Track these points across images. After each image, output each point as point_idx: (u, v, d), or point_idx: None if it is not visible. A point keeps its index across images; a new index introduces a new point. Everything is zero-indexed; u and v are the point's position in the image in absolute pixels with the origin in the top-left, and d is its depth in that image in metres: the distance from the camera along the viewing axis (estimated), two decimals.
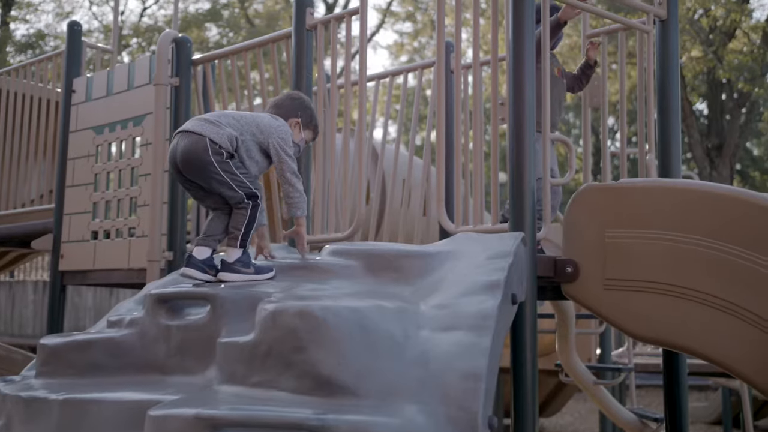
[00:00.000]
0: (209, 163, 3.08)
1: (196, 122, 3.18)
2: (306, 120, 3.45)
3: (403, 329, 2.48)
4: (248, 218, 3.15)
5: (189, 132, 3.13)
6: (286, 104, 3.45)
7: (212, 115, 3.24)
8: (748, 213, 3.00)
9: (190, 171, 3.13)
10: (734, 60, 17.51)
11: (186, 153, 3.10)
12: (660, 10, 3.99)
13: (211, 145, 3.08)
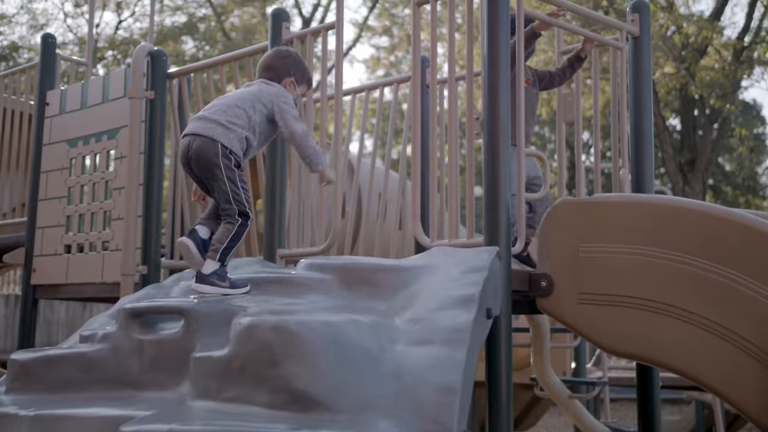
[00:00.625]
0: (216, 167, 3.19)
1: (207, 124, 3.24)
2: (299, 76, 3.50)
3: (378, 343, 2.48)
4: (233, 235, 3.18)
5: (201, 136, 3.22)
6: (277, 65, 3.48)
7: (219, 111, 3.28)
8: (720, 228, 3.03)
9: (200, 168, 3.24)
10: (706, 77, 17.75)
11: (198, 153, 3.22)
12: (633, 27, 4.04)
13: (222, 150, 3.20)
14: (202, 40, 22.73)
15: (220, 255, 3.16)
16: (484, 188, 3.28)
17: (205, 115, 3.31)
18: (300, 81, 3.51)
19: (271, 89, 3.39)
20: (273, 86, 3.41)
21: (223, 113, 3.27)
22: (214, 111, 3.30)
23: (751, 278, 2.92)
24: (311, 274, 3.12)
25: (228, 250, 3.18)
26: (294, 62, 3.52)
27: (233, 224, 3.19)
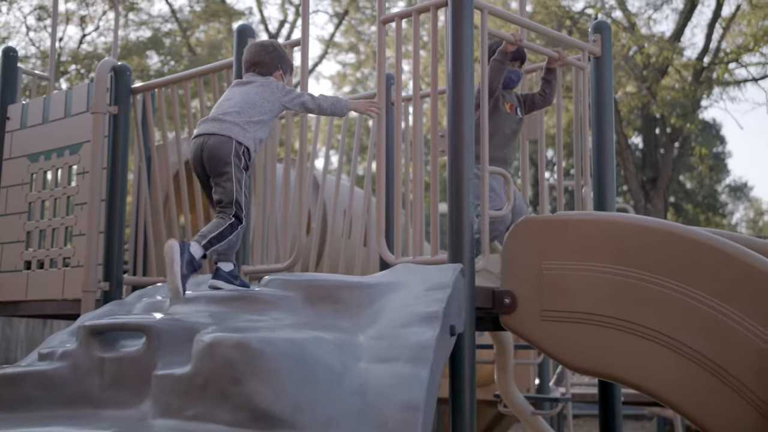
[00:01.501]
0: (228, 164, 3.32)
1: (223, 124, 3.37)
2: (285, 67, 3.69)
3: (342, 361, 2.48)
4: (222, 229, 3.28)
5: (216, 134, 3.36)
6: (266, 60, 3.64)
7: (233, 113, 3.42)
8: (681, 247, 3.07)
9: (212, 164, 3.34)
10: (667, 96, 18.04)
11: (213, 150, 3.34)
12: (594, 47, 4.10)
13: (237, 147, 3.35)
14: (168, 55, 22.59)
15: (206, 242, 3.24)
16: (448, 205, 3.29)
17: (218, 116, 3.43)
18: (286, 71, 3.69)
19: (271, 85, 3.55)
20: (269, 82, 3.57)
21: (237, 114, 3.42)
22: (226, 113, 3.43)
23: (711, 296, 2.96)
24: (275, 290, 3.11)
25: (215, 242, 3.26)
26: (280, 55, 3.69)
27: (224, 220, 3.29)
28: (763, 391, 2.82)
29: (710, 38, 18.85)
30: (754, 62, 19.28)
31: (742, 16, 18.87)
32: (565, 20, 17.82)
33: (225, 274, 3.37)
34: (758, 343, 2.84)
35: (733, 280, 2.94)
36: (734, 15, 18.87)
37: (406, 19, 3.68)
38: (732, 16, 18.87)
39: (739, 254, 2.96)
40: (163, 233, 4.71)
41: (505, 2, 18.71)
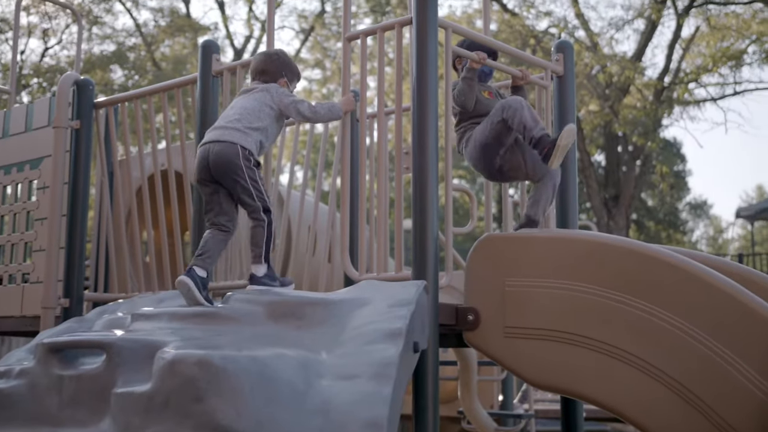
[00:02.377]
0: (238, 167, 3.40)
1: (225, 131, 3.46)
2: (290, 75, 3.77)
3: (305, 378, 2.46)
4: (266, 235, 3.42)
5: (219, 141, 3.44)
6: (271, 68, 3.73)
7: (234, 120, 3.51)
8: (641, 264, 3.11)
9: (219, 171, 3.42)
10: (629, 115, 18.30)
11: (218, 156, 3.42)
12: (557, 66, 4.15)
13: (242, 151, 3.42)
14: (132, 70, 22.44)
15: (264, 257, 3.40)
16: (412, 222, 3.30)
17: (221, 124, 3.54)
18: (291, 79, 3.77)
19: (271, 90, 3.63)
20: (269, 87, 3.64)
21: (237, 121, 3.51)
22: (228, 121, 3.53)
23: (670, 313, 3.00)
24: (239, 307, 3.09)
25: (268, 251, 3.41)
26: (284, 63, 3.77)
27: (262, 225, 3.42)
28: (718, 405, 2.86)
29: (670, 59, 19.19)
30: (713, 83, 19.67)
31: (701, 37, 19.26)
32: (530, 39, 18.03)
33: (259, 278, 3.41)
34: (716, 359, 2.88)
35: (692, 298, 2.99)
36: (693, 36, 19.24)
37: (372, 37, 3.70)
38: (691, 38, 19.24)
39: (698, 272, 3.01)
40: (125, 249, 4.67)
41: (470, 20, 18.89)
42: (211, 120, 4.15)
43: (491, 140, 3.70)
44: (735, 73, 19.35)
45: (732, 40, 18.66)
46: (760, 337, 2.85)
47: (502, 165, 3.77)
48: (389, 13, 20.06)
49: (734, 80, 19.54)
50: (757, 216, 20.83)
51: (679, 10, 18.66)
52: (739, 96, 19.96)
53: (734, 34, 18.52)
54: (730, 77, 19.46)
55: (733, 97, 19.96)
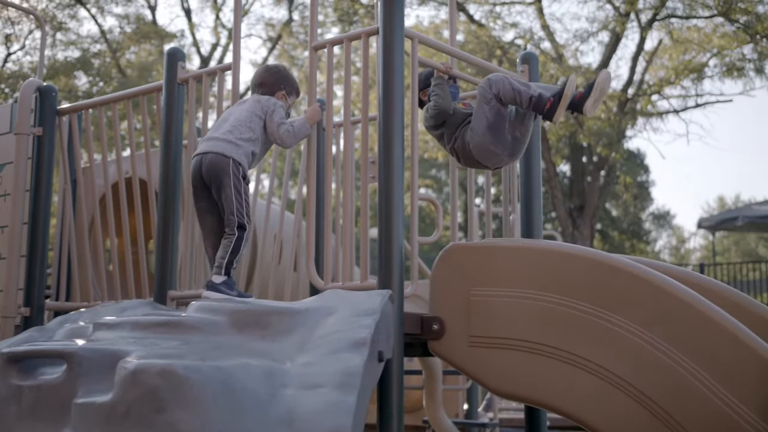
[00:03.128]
0: (227, 176, 3.57)
1: (218, 143, 3.60)
2: (289, 88, 3.91)
3: (269, 388, 2.45)
4: (233, 248, 3.57)
5: (212, 152, 3.59)
6: (269, 81, 3.89)
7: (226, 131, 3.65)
8: (604, 274, 3.13)
9: (211, 178, 3.60)
10: (593, 125, 18.49)
11: (210, 164, 3.59)
12: (522, 77, 4.18)
13: (233, 164, 3.58)
14: (96, 76, 22.22)
15: (225, 269, 3.55)
16: (378, 231, 3.31)
17: (213, 135, 3.67)
18: (290, 93, 3.89)
19: (262, 100, 3.76)
20: (260, 98, 3.78)
21: (229, 132, 3.64)
22: (221, 132, 3.66)
23: (634, 323, 3.02)
24: (202, 316, 3.06)
25: (230, 264, 3.56)
26: (283, 76, 3.91)
27: (231, 238, 3.57)
28: (680, 415, 2.89)
29: (634, 71, 19.43)
30: (675, 95, 19.95)
31: (663, 50, 19.54)
32: (496, 50, 18.16)
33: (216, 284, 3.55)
34: (678, 369, 2.92)
35: (654, 308, 3.02)
36: (656, 49, 19.52)
37: (339, 46, 3.70)
38: (654, 50, 19.52)
39: (660, 283, 3.04)
40: (87, 257, 4.61)
41: (438, 30, 18.99)
42: (176, 127, 4.14)
43: (494, 119, 3.71)
44: (696, 86, 19.65)
45: (694, 53, 18.95)
46: (721, 347, 2.88)
47: (515, 133, 3.79)
48: (357, 22, 20.10)
49: (696, 93, 19.85)
50: (717, 226, 21.13)
51: (643, 23, 18.91)
52: (701, 108, 20.26)
53: (696, 48, 18.80)
54: (691, 90, 19.77)
55: (695, 109, 20.26)
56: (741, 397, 2.81)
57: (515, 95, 3.65)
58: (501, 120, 3.72)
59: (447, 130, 3.88)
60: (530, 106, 3.65)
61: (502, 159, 3.84)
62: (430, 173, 30.08)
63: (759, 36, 17.48)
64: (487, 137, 3.74)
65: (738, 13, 17.50)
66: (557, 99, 3.60)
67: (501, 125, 3.72)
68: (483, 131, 3.73)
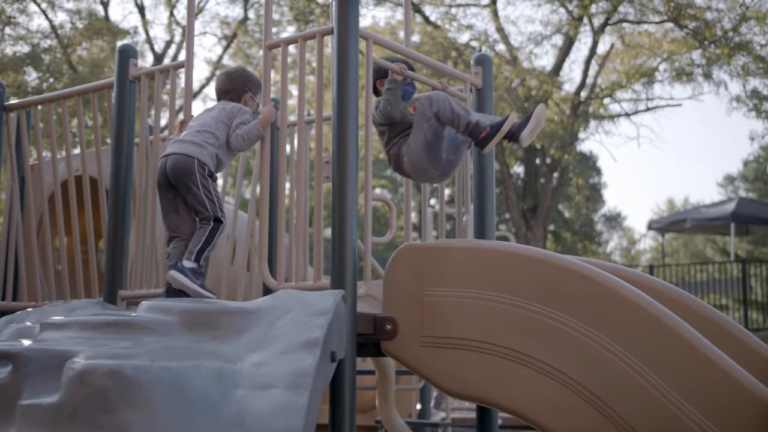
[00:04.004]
0: (192, 174, 3.58)
1: (182, 145, 3.63)
2: (254, 89, 3.92)
3: (220, 388, 2.44)
4: (206, 237, 3.60)
5: (176, 153, 3.62)
6: (233, 87, 3.90)
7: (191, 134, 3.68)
8: (556, 275, 3.17)
9: (176, 179, 3.62)
10: (547, 128, 18.68)
11: (175, 163, 3.61)
12: (476, 79, 4.21)
13: (197, 162, 3.60)
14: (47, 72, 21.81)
15: (195, 255, 3.56)
16: (331, 231, 3.30)
17: (180, 138, 3.70)
18: (256, 93, 3.90)
19: (227, 108, 3.78)
20: (226, 104, 3.81)
21: (194, 135, 3.68)
22: (188, 135, 3.69)
23: (584, 323, 3.06)
24: (152, 316, 3.03)
25: (202, 252, 3.57)
26: (246, 79, 3.94)
27: (206, 227, 3.60)
28: (629, 415, 2.94)
29: (587, 74, 19.69)
30: (627, 98, 20.27)
31: (615, 54, 19.84)
32: (451, 51, 18.25)
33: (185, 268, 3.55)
34: (627, 369, 2.96)
35: (604, 309, 3.06)
36: (608, 53, 19.80)
37: (294, 45, 3.69)
38: (606, 54, 19.80)
39: (610, 284, 3.09)
40: (35, 256, 4.53)
41: (394, 32, 19.03)
42: (128, 125, 4.09)
43: (432, 138, 3.72)
44: (647, 90, 19.98)
45: (644, 57, 19.28)
46: (668, 348, 2.94)
47: (449, 156, 3.80)
48: (313, 22, 20.04)
49: (646, 97, 20.18)
50: (667, 228, 21.52)
51: (595, 27, 19.17)
52: (651, 112, 20.60)
53: (647, 52, 19.13)
54: (642, 93, 20.09)
55: (646, 112, 20.60)
56: (687, 396, 2.87)
57: (454, 118, 3.67)
58: (438, 140, 3.74)
59: (389, 132, 3.89)
60: (467, 131, 3.68)
61: (433, 177, 3.90)
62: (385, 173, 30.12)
63: (707, 42, 17.84)
64: (423, 155, 3.76)
65: (687, 19, 17.85)
66: (494, 130, 3.64)
67: (438, 145, 3.75)
68: (420, 149, 3.75)
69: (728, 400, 2.83)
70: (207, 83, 24.05)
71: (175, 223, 3.71)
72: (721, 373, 2.85)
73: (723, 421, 2.82)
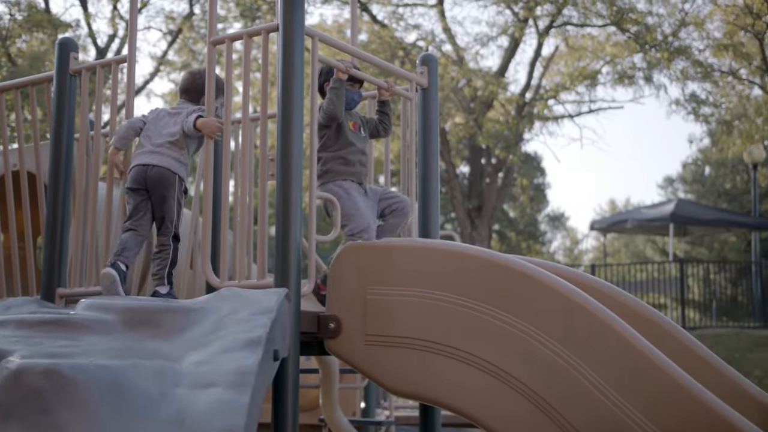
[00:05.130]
0: (172, 187, 3.71)
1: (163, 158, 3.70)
2: (216, 92, 3.77)
3: (160, 387, 2.41)
4: (171, 260, 3.72)
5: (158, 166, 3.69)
6: (194, 87, 3.93)
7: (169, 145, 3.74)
8: (498, 274, 3.21)
9: (155, 190, 3.70)
10: (492, 128, 18.87)
11: (158, 174, 3.69)
12: (422, 79, 4.23)
13: (179, 180, 3.74)
14: None
15: (167, 278, 3.70)
16: (275, 229, 3.29)
17: (156, 149, 3.74)
18: (217, 95, 3.78)
19: (182, 114, 3.79)
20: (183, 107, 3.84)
21: (171, 147, 3.75)
22: (165, 146, 3.74)
23: (525, 322, 3.10)
24: (92, 314, 2.98)
25: (171, 274, 3.72)
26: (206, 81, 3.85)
27: (167, 250, 3.71)
28: (566, 411, 2.99)
29: (532, 76, 19.95)
30: (570, 100, 20.59)
31: (559, 56, 20.15)
32: (398, 51, 18.31)
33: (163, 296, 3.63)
34: (565, 366, 3.01)
35: (545, 307, 3.10)
36: (553, 55, 20.09)
37: (240, 42, 3.66)
38: (551, 57, 20.09)
39: (551, 283, 3.13)
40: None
41: (341, 30, 19.01)
42: (68, 120, 4.01)
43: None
44: (590, 92, 20.34)
45: (588, 60, 19.60)
46: (606, 345, 2.99)
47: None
48: (260, 18, 19.91)
49: (589, 98, 20.54)
50: (609, 228, 21.92)
51: (540, 29, 19.43)
52: (594, 114, 20.99)
53: (590, 55, 19.46)
54: (585, 95, 20.45)
55: (589, 114, 20.97)
56: (623, 392, 2.93)
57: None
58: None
59: (327, 140, 3.86)
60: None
61: None
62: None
63: (648, 46, 18.22)
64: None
65: (629, 24, 18.20)
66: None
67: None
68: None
69: (662, 396, 2.90)
70: (151, 79, 23.72)
71: (137, 222, 3.72)
72: (657, 370, 2.92)
73: (657, 417, 2.88)
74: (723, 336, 14.38)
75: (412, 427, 8.44)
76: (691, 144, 36.41)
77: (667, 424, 2.88)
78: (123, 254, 3.62)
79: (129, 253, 3.64)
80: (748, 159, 18.75)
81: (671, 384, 2.89)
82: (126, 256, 3.62)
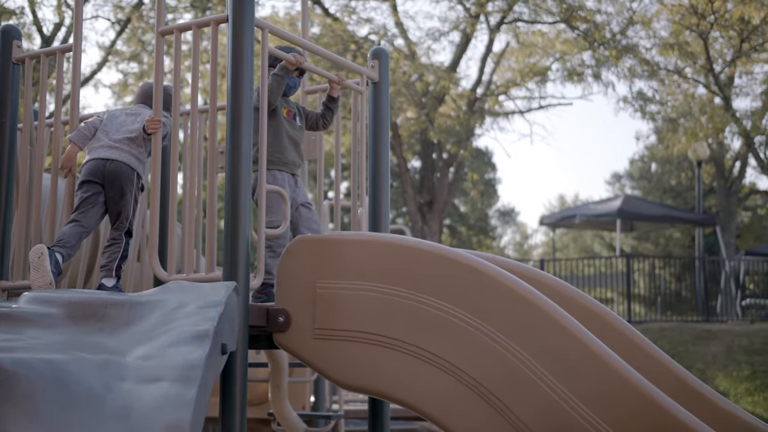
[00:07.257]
0: (130, 184, 3.76)
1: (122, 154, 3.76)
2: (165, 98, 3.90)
3: (105, 382, 2.37)
4: (122, 253, 3.77)
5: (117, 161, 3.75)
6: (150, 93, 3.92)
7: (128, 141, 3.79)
8: (446, 268, 3.22)
9: (113, 185, 3.74)
10: (444, 123, 18.95)
11: (117, 169, 3.75)
12: (372, 72, 4.23)
13: (137, 177, 3.80)
14: None
15: (116, 271, 3.74)
16: (224, 222, 3.26)
17: (118, 145, 3.79)
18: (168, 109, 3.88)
19: (143, 115, 3.83)
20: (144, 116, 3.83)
21: (128, 145, 3.80)
22: (124, 143, 3.79)
23: (473, 315, 3.13)
24: (35, 308, 2.92)
25: (120, 268, 3.75)
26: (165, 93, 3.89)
27: (119, 244, 3.76)
28: (513, 404, 3.02)
29: (483, 71, 20.05)
30: (521, 96, 20.77)
31: (510, 52, 20.30)
32: (350, 44, 18.27)
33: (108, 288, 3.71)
34: (513, 360, 3.04)
35: (492, 301, 3.13)
36: (504, 51, 20.23)
37: (189, 32, 3.61)
38: (502, 53, 20.23)
39: (498, 277, 3.16)
40: None
41: (293, 23, 18.89)
42: (11, 110, 3.92)
43: None
44: (540, 88, 20.55)
45: (538, 57, 19.79)
46: (551, 338, 3.03)
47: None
48: (211, 9, 19.69)
49: (539, 95, 20.75)
50: (558, 224, 22.17)
51: (492, 25, 19.54)
52: (544, 110, 21.21)
53: (540, 52, 19.65)
54: (536, 92, 20.65)
55: (539, 110, 21.19)
56: (571, 387, 2.97)
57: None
58: None
59: None
60: None
61: None
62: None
63: (597, 43, 18.46)
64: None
65: (578, 21, 18.41)
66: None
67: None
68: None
69: (607, 389, 2.94)
70: (99, 69, 23.30)
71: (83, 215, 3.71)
72: (603, 365, 2.96)
73: (605, 412, 2.93)
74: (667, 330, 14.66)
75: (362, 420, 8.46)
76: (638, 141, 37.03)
77: (611, 416, 2.92)
78: (59, 243, 3.58)
79: (67, 244, 3.60)
80: (692, 156, 19.12)
81: (616, 377, 2.94)
82: (62, 246, 3.58)
